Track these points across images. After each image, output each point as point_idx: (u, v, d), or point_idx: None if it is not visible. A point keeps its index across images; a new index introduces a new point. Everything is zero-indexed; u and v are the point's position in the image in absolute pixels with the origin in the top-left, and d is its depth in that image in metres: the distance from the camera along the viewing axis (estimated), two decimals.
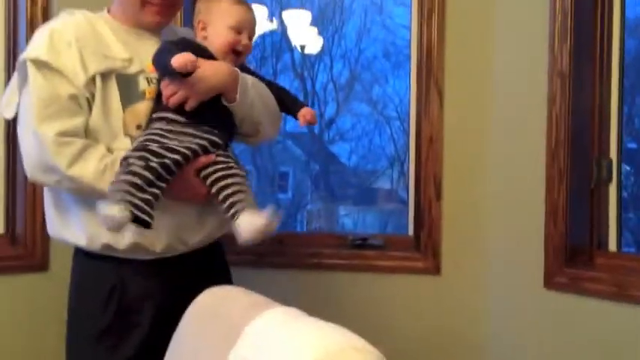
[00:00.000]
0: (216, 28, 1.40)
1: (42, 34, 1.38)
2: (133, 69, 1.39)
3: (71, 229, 1.41)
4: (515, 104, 1.90)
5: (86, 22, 1.40)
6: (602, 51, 1.80)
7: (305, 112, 1.49)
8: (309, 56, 4.27)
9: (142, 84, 1.38)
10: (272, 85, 1.53)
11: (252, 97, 1.41)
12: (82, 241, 1.39)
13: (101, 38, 1.39)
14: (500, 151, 1.94)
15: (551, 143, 1.78)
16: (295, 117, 1.51)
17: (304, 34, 3.59)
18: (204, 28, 1.41)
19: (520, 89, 1.89)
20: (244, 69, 1.47)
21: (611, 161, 1.80)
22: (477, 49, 1.97)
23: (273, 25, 3.58)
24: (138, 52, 1.40)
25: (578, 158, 1.78)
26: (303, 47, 3.61)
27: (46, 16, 1.90)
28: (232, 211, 1.31)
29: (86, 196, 1.36)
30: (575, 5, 1.75)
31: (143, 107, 1.37)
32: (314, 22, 3.71)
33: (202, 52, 1.37)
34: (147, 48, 1.40)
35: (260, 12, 3.37)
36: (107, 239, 1.36)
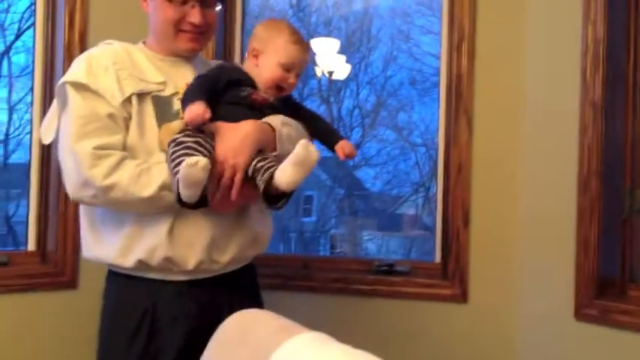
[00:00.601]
0: (267, 61, 1.42)
1: (80, 60, 1.43)
2: (167, 92, 1.43)
3: (105, 246, 1.43)
4: (547, 134, 1.89)
5: (122, 50, 1.46)
6: (635, 80, 1.80)
7: (343, 145, 1.48)
8: (335, 82, 4.31)
9: (177, 104, 1.41)
10: (311, 116, 1.54)
11: (289, 148, 1.42)
12: (115, 258, 1.41)
13: (136, 64, 1.44)
14: (530, 181, 1.92)
15: (582, 173, 1.76)
16: (332, 149, 1.50)
17: (332, 61, 3.62)
18: (256, 56, 1.43)
19: (551, 119, 1.88)
20: (286, 97, 1.49)
21: None
22: (508, 78, 1.97)
23: None
24: (172, 78, 1.45)
25: (610, 189, 1.76)
26: (330, 73, 3.64)
27: (83, 41, 1.96)
28: (268, 173, 1.30)
29: (121, 209, 1.37)
30: (608, 34, 1.75)
31: (177, 125, 1.39)
32: (341, 50, 3.74)
33: (241, 78, 1.40)
34: (181, 74, 1.46)
35: None
36: (141, 255, 1.38)
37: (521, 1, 1.96)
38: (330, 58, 3.63)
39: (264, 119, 1.41)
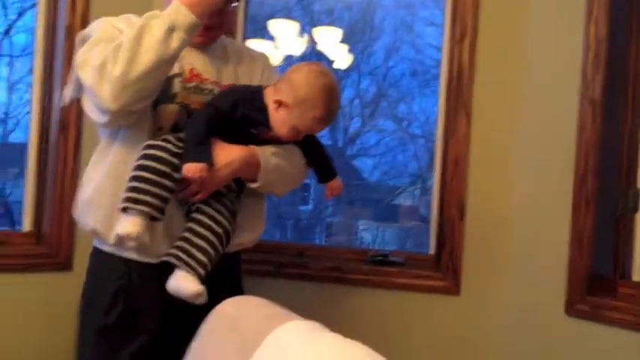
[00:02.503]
0: (287, 118, 1.38)
1: (98, 21, 1.44)
2: (171, 71, 1.40)
3: (96, 215, 1.42)
4: (545, 130, 1.89)
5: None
6: (635, 81, 1.79)
7: (333, 186, 1.52)
8: (337, 71, 4.31)
9: (176, 86, 1.41)
10: (312, 144, 1.52)
11: (274, 178, 1.44)
12: (100, 227, 1.40)
13: None
14: (527, 176, 1.93)
15: (579, 170, 1.77)
16: (321, 181, 1.54)
17: (334, 50, 3.61)
18: (280, 104, 1.38)
19: (550, 115, 1.88)
20: None
21: (637, 191, 1.79)
22: (508, 73, 1.97)
23: (304, 41, 3.61)
24: (181, 57, 1.41)
25: (605, 187, 1.76)
26: (332, 63, 3.64)
27: (85, 24, 1.94)
28: (178, 254, 1.33)
29: (144, 68, 1.27)
30: (610, 33, 1.74)
31: (169, 110, 1.40)
32: (344, 39, 3.74)
33: (256, 117, 1.39)
34: (189, 54, 1.44)
35: (292, 28, 3.41)
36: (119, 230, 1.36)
37: None
38: (332, 48, 3.62)
39: (258, 148, 1.42)
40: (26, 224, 2.02)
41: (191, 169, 1.29)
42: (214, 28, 1.45)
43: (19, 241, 1.99)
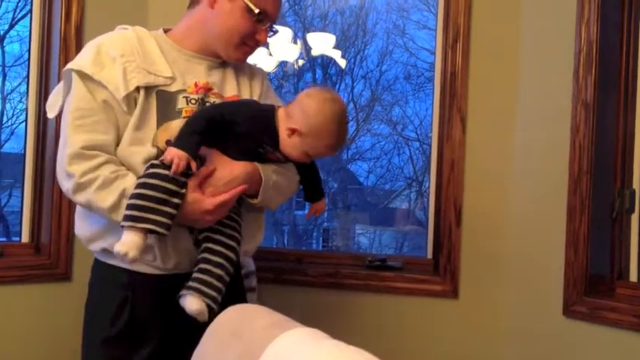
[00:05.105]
0: (299, 145, 1.38)
1: (90, 46, 1.43)
2: (173, 87, 1.42)
3: (84, 226, 1.45)
4: (539, 132, 1.91)
5: (136, 38, 1.44)
6: (627, 81, 1.81)
7: (317, 208, 1.56)
8: (330, 76, 4.31)
9: (181, 102, 1.41)
10: (307, 166, 1.51)
11: (272, 195, 1.45)
12: (87, 241, 1.44)
13: (147, 55, 1.43)
14: (522, 179, 1.94)
15: (573, 172, 1.78)
16: (308, 200, 1.57)
17: (328, 56, 3.63)
18: (293, 134, 1.38)
19: (544, 118, 1.89)
20: None
21: (634, 191, 1.80)
22: (501, 76, 1.98)
23: (297, 47, 3.62)
24: (183, 73, 1.44)
25: (600, 188, 1.77)
26: (325, 68, 3.65)
27: (79, 35, 1.95)
28: (199, 287, 1.34)
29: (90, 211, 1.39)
30: (601, 35, 1.76)
31: (176, 124, 1.39)
32: (337, 44, 3.75)
33: (265, 140, 1.40)
34: (193, 70, 1.45)
35: (285, 33, 3.42)
36: (105, 244, 1.39)
37: (516, 1, 1.97)
38: (325, 53, 3.63)
39: (259, 164, 1.42)
40: (24, 235, 2.02)
41: (175, 154, 1.28)
42: (255, 47, 1.49)
43: (17, 253, 1.98)
